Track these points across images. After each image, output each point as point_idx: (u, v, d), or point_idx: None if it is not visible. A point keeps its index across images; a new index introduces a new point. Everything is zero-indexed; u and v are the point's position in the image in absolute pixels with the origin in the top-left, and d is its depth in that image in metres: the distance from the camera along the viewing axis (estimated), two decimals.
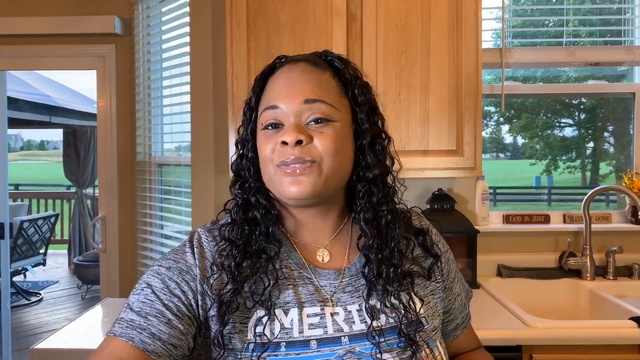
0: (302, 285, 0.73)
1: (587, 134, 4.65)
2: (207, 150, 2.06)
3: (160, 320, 0.66)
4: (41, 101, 4.88)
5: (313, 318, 0.70)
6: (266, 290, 0.69)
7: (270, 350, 0.67)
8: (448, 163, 1.68)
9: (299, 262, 0.75)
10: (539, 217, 2.06)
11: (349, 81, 0.75)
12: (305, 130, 0.70)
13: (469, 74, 1.67)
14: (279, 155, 0.69)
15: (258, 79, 0.77)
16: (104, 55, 2.53)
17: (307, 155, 0.68)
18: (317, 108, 0.70)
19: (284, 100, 0.71)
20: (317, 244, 0.77)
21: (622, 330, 1.40)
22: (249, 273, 0.70)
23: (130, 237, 2.56)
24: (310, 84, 0.71)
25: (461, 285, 0.88)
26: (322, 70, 0.74)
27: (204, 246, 0.75)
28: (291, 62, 0.75)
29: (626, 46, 2.07)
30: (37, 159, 26.22)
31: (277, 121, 0.71)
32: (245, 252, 0.71)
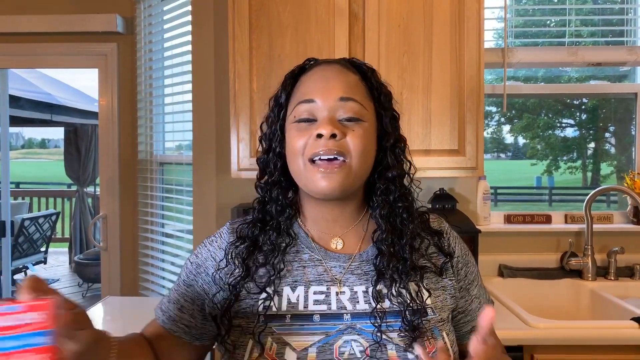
0: (312, 266, 0.79)
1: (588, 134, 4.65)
2: (208, 149, 2.06)
3: (175, 306, 0.83)
4: (42, 99, 4.88)
5: (319, 295, 0.76)
6: (271, 279, 0.76)
7: (276, 321, 0.74)
8: (450, 163, 1.68)
9: (310, 246, 0.81)
10: (541, 217, 2.06)
11: (375, 87, 0.80)
12: (339, 125, 0.74)
13: (471, 74, 1.67)
14: (311, 148, 0.74)
15: (289, 77, 0.82)
16: (105, 54, 2.53)
17: (339, 149, 0.73)
18: (350, 107, 0.75)
19: (320, 95, 0.75)
20: (332, 234, 0.82)
21: (623, 331, 1.40)
22: (258, 264, 0.78)
23: (131, 235, 2.57)
24: (344, 83, 0.76)
25: (481, 290, 0.88)
26: (353, 74, 0.79)
27: (223, 238, 0.84)
28: (325, 63, 0.81)
29: (629, 46, 2.07)
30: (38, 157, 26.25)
31: (311, 116, 0.75)
32: (253, 248, 0.79)
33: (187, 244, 2.30)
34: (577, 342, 1.40)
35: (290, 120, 0.78)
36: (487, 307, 0.64)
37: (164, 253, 2.47)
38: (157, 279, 2.47)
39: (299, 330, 0.73)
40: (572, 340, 1.40)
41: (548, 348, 1.40)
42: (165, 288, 2.42)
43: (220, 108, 2.02)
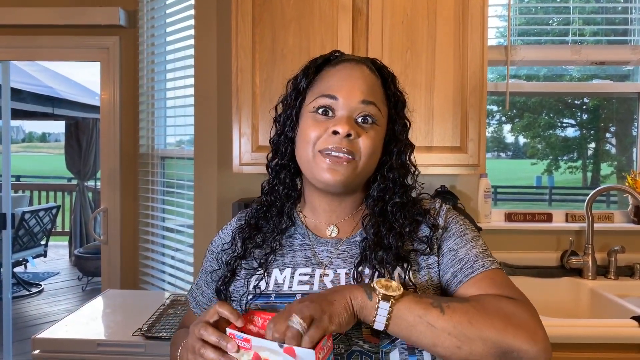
0: (301, 251, 0.84)
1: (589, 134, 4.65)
2: (210, 144, 2.06)
3: (199, 291, 0.93)
4: (44, 92, 4.87)
5: (303, 277, 0.81)
6: (267, 256, 0.83)
7: (262, 299, 0.80)
8: (452, 160, 1.68)
9: (303, 233, 0.86)
10: (541, 216, 2.06)
11: (393, 93, 0.84)
12: (355, 125, 0.78)
13: (474, 71, 1.67)
14: (324, 142, 0.77)
15: (311, 66, 0.84)
16: (107, 47, 2.53)
17: (351, 148, 0.76)
18: (370, 109, 0.79)
19: (344, 93, 0.78)
20: (329, 223, 0.86)
21: (623, 329, 1.40)
22: (258, 243, 0.85)
23: (131, 229, 2.57)
24: (369, 86, 0.80)
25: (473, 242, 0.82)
26: (376, 77, 0.83)
27: (233, 224, 0.92)
28: (353, 61, 0.83)
29: (632, 45, 2.07)
30: (38, 150, 26.24)
31: (331, 108, 0.79)
32: (255, 229, 0.86)
33: (188, 238, 2.30)
34: (577, 340, 1.40)
35: (308, 108, 0.81)
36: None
37: (165, 247, 2.47)
38: (157, 273, 2.48)
39: (280, 307, 0.76)
40: (572, 338, 1.40)
41: None
42: (165, 282, 2.42)
43: (222, 102, 2.01)
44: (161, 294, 2.06)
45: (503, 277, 0.78)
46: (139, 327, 1.50)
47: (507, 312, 0.67)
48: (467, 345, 0.65)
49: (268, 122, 0.88)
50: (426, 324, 0.65)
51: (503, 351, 0.64)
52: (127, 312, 1.77)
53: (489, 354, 0.65)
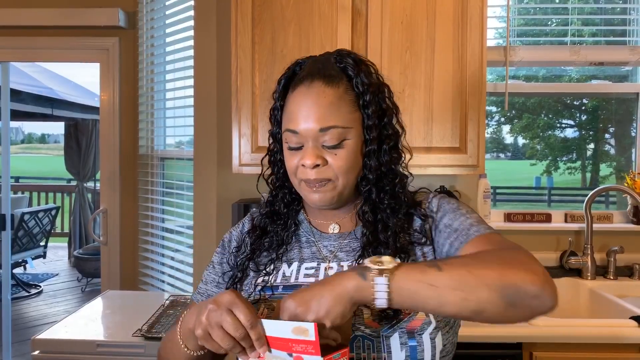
0: (307, 247, 0.88)
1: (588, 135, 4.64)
2: (209, 145, 2.06)
3: (213, 285, 0.92)
4: (43, 94, 4.88)
5: (309, 270, 0.84)
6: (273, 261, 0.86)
7: (270, 290, 0.83)
8: (451, 160, 1.68)
9: (308, 231, 0.90)
10: (541, 216, 2.06)
11: (361, 91, 0.80)
12: (322, 152, 0.79)
13: (473, 72, 1.67)
14: (301, 173, 0.81)
15: (280, 88, 0.84)
16: (107, 48, 2.53)
17: (324, 176, 0.79)
18: (331, 133, 0.78)
19: (301, 126, 0.79)
20: (331, 221, 0.89)
21: (622, 329, 1.41)
22: (263, 248, 0.88)
23: (131, 230, 2.57)
24: (324, 109, 0.78)
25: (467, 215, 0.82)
26: (336, 86, 0.79)
27: (245, 225, 0.95)
28: (307, 79, 0.80)
29: (631, 46, 2.07)
30: (37, 152, 26.21)
31: (298, 144, 0.81)
32: (262, 234, 0.90)
33: (188, 239, 2.30)
34: (576, 340, 1.40)
35: (283, 140, 0.84)
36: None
37: (164, 248, 2.47)
38: (156, 274, 2.48)
39: None
40: (571, 338, 1.40)
41: (547, 346, 1.41)
42: (164, 283, 2.42)
43: (222, 103, 2.01)
44: (161, 294, 2.06)
45: (500, 237, 0.77)
46: (138, 328, 1.50)
47: (504, 256, 0.67)
48: (473, 295, 0.63)
49: (268, 122, 0.89)
50: (428, 286, 0.63)
51: (509, 292, 0.63)
52: (126, 313, 1.77)
53: (497, 297, 0.63)
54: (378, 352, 0.74)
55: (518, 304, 0.63)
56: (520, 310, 0.64)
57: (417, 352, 0.73)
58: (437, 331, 0.75)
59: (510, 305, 0.63)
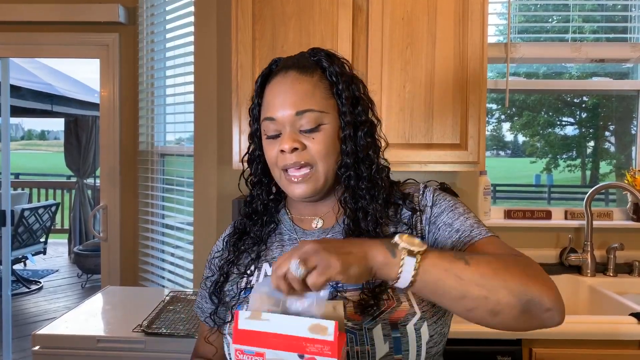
0: (289, 244, 0.88)
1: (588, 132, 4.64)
2: (210, 141, 2.06)
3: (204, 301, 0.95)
4: (43, 90, 4.87)
5: None
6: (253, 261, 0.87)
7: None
8: (451, 157, 1.68)
9: (290, 228, 0.90)
10: (541, 213, 2.06)
11: (334, 80, 0.83)
12: (299, 137, 0.80)
13: (474, 68, 1.66)
14: (281, 161, 0.81)
15: (258, 85, 0.87)
16: (107, 44, 2.52)
17: (303, 159, 0.80)
18: (308, 117, 0.80)
19: (278, 112, 0.81)
20: (314, 216, 0.89)
21: (622, 326, 1.41)
22: (244, 249, 0.89)
23: (131, 226, 2.57)
24: (299, 95, 0.80)
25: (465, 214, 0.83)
26: (311, 76, 0.82)
27: (226, 232, 0.97)
28: (282, 70, 0.83)
29: (632, 43, 2.07)
30: (37, 148, 26.20)
31: (276, 131, 0.82)
32: (242, 236, 0.91)
33: (188, 235, 2.30)
34: (575, 336, 1.40)
35: (262, 132, 0.85)
36: None
37: (164, 244, 2.47)
38: (157, 270, 2.48)
39: None
40: (571, 334, 1.40)
41: (546, 342, 1.41)
42: (164, 279, 2.42)
43: (222, 99, 2.01)
44: (161, 290, 2.06)
45: (501, 242, 0.79)
46: (139, 324, 1.50)
47: (523, 264, 0.69)
48: (494, 295, 0.64)
49: None
50: (454, 277, 0.64)
51: (526, 300, 0.64)
52: (126, 309, 1.77)
53: (515, 303, 0.64)
54: (361, 345, 0.73)
55: (532, 313, 0.65)
56: (532, 320, 0.66)
57: (401, 343, 0.73)
58: (422, 322, 0.75)
59: (524, 313, 0.65)
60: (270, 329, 0.59)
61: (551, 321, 0.67)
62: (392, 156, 1.64)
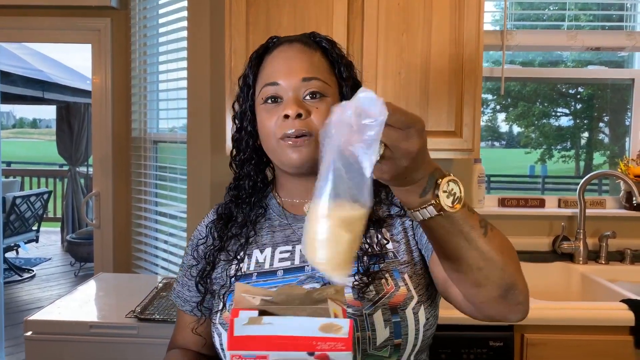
0: (280, 230, 0.86)
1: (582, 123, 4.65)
2: (203, 127, 2.04)
3: (185, 289, 0.91)
4: (34, 76, 4.81)
5: (284, 254, 0.83)
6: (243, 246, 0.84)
7: (244, 280, 0.81)
8: (446, 144, 1.68)
9: (280, 214, 0.88)
10: (534, 201, 2.07)
11: (336, 60, 0.84)
12: (304, 104, 0.78)
13: (469, 55, 1.65)
14: (281, 128, 0.78)
15: (254, 57, 0.85)
16: (99, 29, 2.48)
17: (306, 128, 0.77)
18: (313, 84, 0.79)
19: (283, 77, 0.79)
20: (306, 200, 0.86)
21: (613, 312, 1.42)
22: (232, 235, 0.86)
23: (124, 213, 2.55)
24: (306, 63, 0.80)
25: None
26: (314, 51, 0.83)
27: (209, 217, 0.94)
28: (286, 42, 0.83)
29: (628, 31, 2.06)
30: (29, 137, 25.95)
31: (277, 95, 0.79)
32: (228, 221, 0.88)
33: (181, 222, 2.29)
34: (567, 322, 1.41)
35: (258, 101, 0.82)
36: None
37: (158, 231, 2.46)
38: (150, 257, 2.47)
39: (262, 285, 0.80)
40: (563, 320, 1.41)
41: (538, 328, 1.42)
42: (158, 266, 2.42)
43: (216, 85, 1.99)
44: (154, 277, 2.05)
45: None
46: (131, 310, 1.50)
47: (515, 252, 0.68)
48: (488, 270, 0.63)
49: None
50: (464, 239, 0.60)
51: (510, 286, 0.64)
52: (120, 295, 1.77)
53: (499, 284, 0.64)
54: (362, 331, 0.73)
55: (507, 300, 0.65)
56: (502, 307, 0.66)
57: (400, 327, 0.74)
58: (419, 305, 0.76)
59: (502, 297, 0.65)
60: (273, 332, 0.54)
61: (516, 315, 0.68)
62: None
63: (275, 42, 0.85)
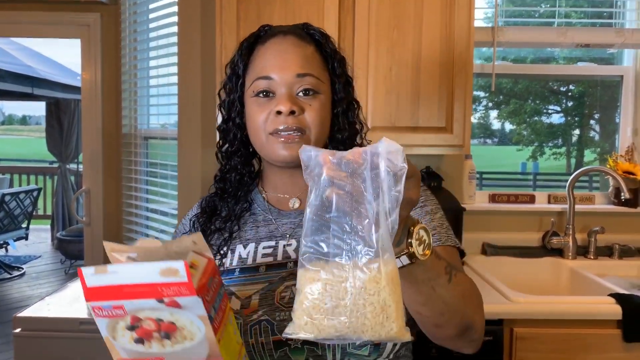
0: (264, 225, 0.84)
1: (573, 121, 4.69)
2: (194, 124, 2.03)
3: None
4: (23, 72, 4.75)
5: (267, 249, 0.81)
6: (226, 241, 0.82)
7: (226, 275, 0.79)
8: (437, 140, 1.68)
9: (265, 209, 0.86)
10: (525, 197, 2.08)
11: (330, 55, 0.82)
12: (297, 101, 0.77)
13: (460, 51, 1.66)
14: (272, 124, 0.77)
15: (245, 47, 0.82)
16: (88, 24, 2.46)
17: (298, 124, 0.76)
18: (307, 81, 0.77)
19: (277, 71, 0.77)
20: (291, 195, 0.86)
21: (601, 306, 1.43)
22: (215, 228, 0.84)
23: (115, 210, 2.54)
24: (300, 57, 0.78)
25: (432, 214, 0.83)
26: (307, 45, 0.81)
27: (193, 211, 0.91)
28: (280, 33, 0.80)
29: (617, 28, 2.08)
30: (19, 134, 25.67)
31: (269, 90, 0.78)
32: (212, 215, 0.85)
33: (172, 219, 2.28)
34: (556, 316, 1.43)
35: (249, 94, 0.80)
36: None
37: (148, 228, 2.45)
38: None
39: (245, 281, 0.78)
40: (552, 314, 1.43)
41: (528, 322, 1.43)
42: None
43: (207, 81, 1.98)
44: None
45: (457, 256, 0.81)
46: None
47: (477, 292, 0.73)
48: (449, 315, 0.64)
49: None
50: (430, 287, 0.61)
51: (467, 327, 0.68)
52: None
53: (458, 325, 0.66)
54: None
55: (463, 338, 0.69)
56: (456, 342, 0.70)
57: None
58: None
59: (458, 335, 0.68)
60: (120, 281, 0.53)
61: (468, 350, 0.72)
62: (377, 139, 1.65)
63: (267, 32, 0.82)
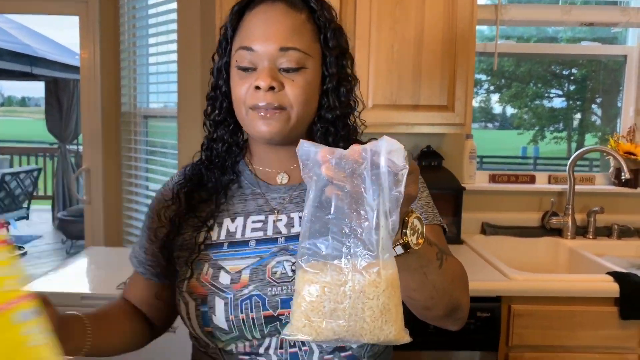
0: (253, 199, 0.82)
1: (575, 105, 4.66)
2: (194, 101, 2.02)
3: (141, 250, 0.87)
4: (22, 51, 4.71)
5: (256, 224, 0.79)
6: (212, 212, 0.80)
7: (214, 249, 0.78)
8: (438, 118, 1.67)
9: (253, 182, 0.83)
10: (525, 177, 2.08)
11: (323, 24, 0.77)
12: (278, 76, 0.73)
13: (463, 29, 1.64)
14: (251, 98, 0.73)
15: (235, 11, 0.77)
16: (86, 1, 2.43)
17: (278, 102, 0.72)
18: (291, 55, 0.72)
19: (259, 43, 0.72)
20: (279, 170, 0.83)
21: (598, 284, 1.44)
22: (201, 199, 0.82)
23: (114, 188, 2.54)
24: (286, 29, 0.73)
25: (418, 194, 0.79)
26: (299, 13, 0.75)
27: (174, 179, 0.87)
28: (269, 0, 0.75)
29: (622, 7, 2.05)
30: (18, 115, 25.56)
31: (251, 64, 0.73)
32: (197, 184, 0.83)
33: None
34: (553, 294, 1.44)
35: (233, 62, 0.76)
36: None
37: (148, 207, 2.45)
38: None
39: (234, 255, 0.77)
40: (549, 292, 1.44)
41: (525, 299, 1.44)
42: None
43: (206, 59, 1.96)
44: None
45: (442, 235, 0.82)
46: (122, 281, 1.50)
47: (464, 274, 0.75)
48: (439, 299, 0.67)
49: None
50: (422, 274, 0.63)
51: (455, 308, 0.71)
52: (110, 268, 1.76)
53: (446, 306, 0.69)
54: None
55: (450, 317, 0.72)
56: (444, 321, 0.73)
57: None
58: None
59: (446, 315, 0.71)
60: None
61: (454, 327, 0.75)
62: (378, 117, 1.65)
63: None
